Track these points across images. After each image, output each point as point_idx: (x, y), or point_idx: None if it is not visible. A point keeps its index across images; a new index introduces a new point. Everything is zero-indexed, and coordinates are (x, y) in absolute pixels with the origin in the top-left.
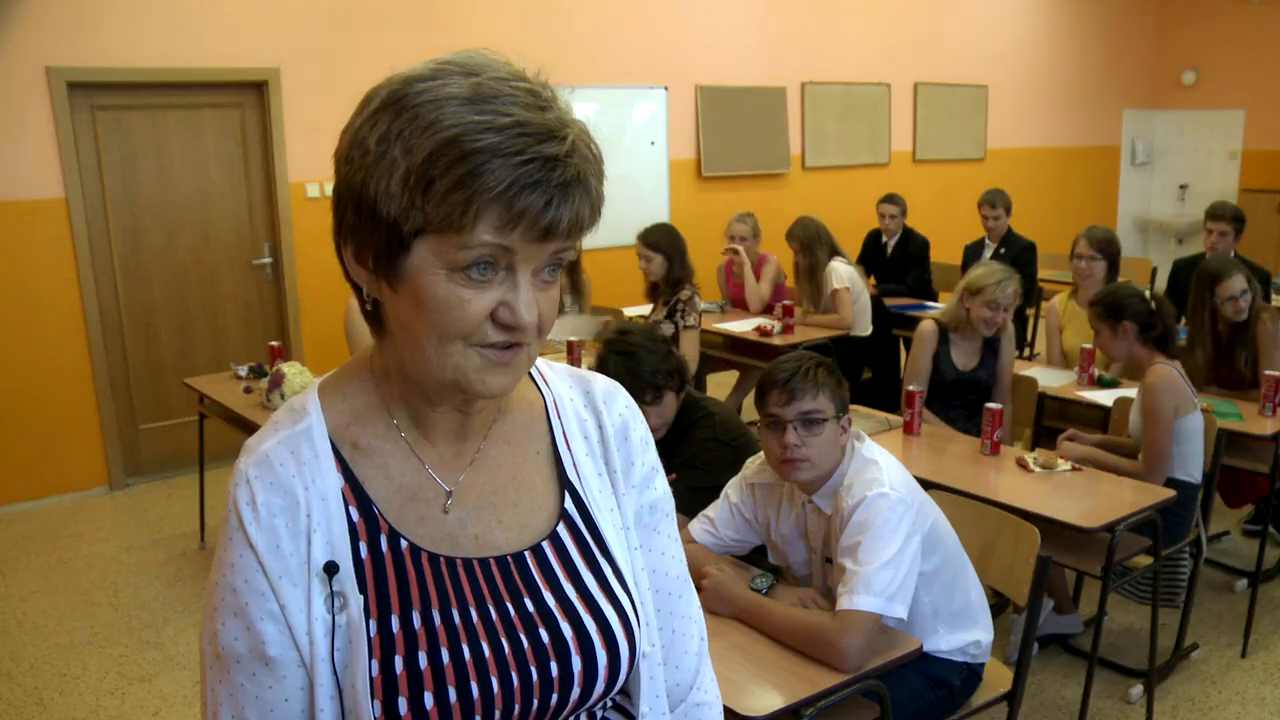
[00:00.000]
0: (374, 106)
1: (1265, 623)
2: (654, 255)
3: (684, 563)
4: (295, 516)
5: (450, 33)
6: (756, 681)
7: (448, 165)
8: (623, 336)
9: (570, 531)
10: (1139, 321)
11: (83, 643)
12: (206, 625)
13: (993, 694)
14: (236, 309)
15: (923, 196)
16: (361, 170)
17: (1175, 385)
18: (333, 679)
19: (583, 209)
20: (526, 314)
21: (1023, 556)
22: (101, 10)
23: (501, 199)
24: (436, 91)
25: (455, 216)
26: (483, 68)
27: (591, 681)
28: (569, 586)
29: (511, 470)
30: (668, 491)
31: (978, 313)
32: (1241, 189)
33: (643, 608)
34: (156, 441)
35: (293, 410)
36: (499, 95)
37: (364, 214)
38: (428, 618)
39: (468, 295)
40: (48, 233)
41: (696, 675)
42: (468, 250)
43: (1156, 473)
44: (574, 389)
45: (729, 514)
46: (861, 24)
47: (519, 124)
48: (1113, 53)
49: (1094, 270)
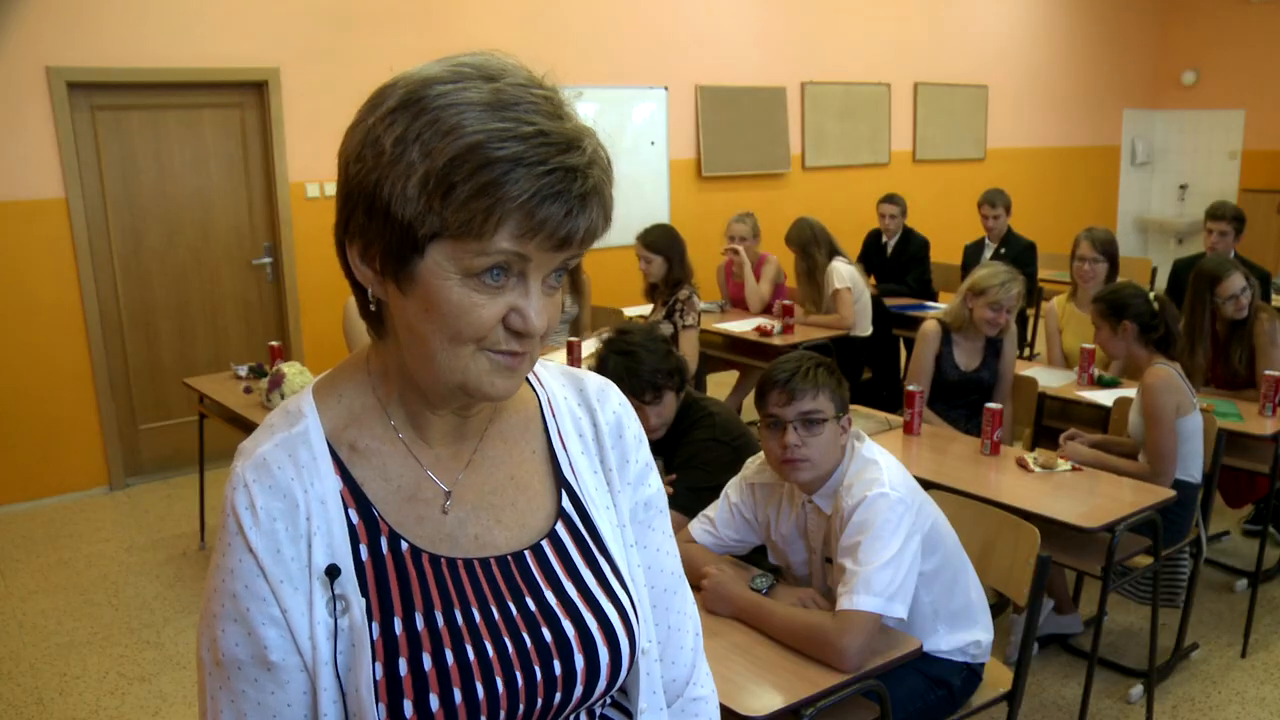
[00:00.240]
0: (389, 106)
1: (1265, 623)
2: (653, 257)
3: (678, 559)
4: (295, 520)
5: (450, 33)
6: (756, 681)
7: (470, 172)
8: (623, 336)
9: (569, 530)
10: (1140, 322)
11: (83, 643)
12: (205, 631)
13: (993, 694)
14: (236, 309)
15: (923, 196)
16: (376, 170)
17: (1174, 385)
18: (336, 683)
19: (598, 219)
20: (537, 320)
21: (1023, 556)
22: (101, 10)
23: (524, 208)
24: (457, 96)
25: (476, 223)
26: (501, 72)
27: (594, 679)
28: (569, 585)
29: (509, 470)
30: (661, 488)
31: (981, 314)
32: (1241, 189)
33: (640, 604)
34: (156, 441)
35: (288, 413)
36: (520, 102)
37: (376, 215)
38: (430, 619)
39: (481, 300)
40: (48, 233)
41: (693, 670)
42: (485, 257)
43: (1164, 474)
44: (568, 387)
45: (729, 514)
46: (861, 24)
47: (542, 133)
48: (1113, 53)
49: (1096, 272)
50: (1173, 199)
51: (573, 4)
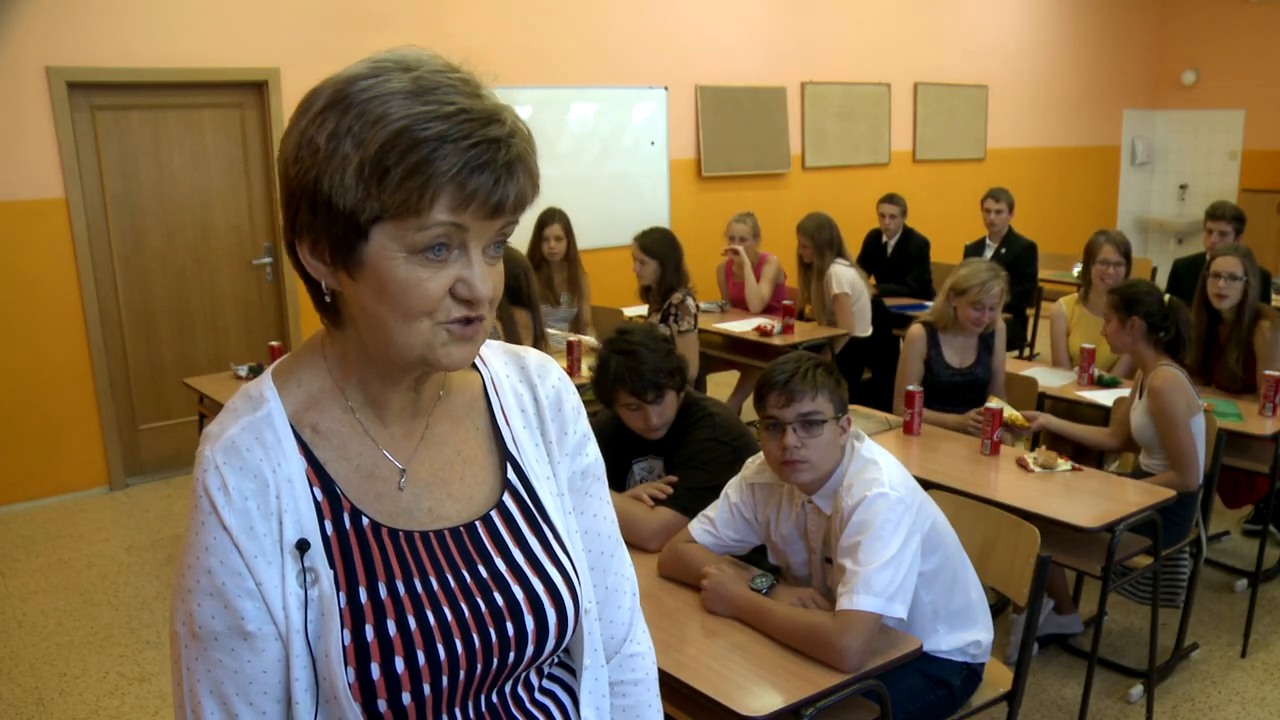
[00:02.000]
0: (319, 107)
1: (1265, 623)
2: (648, 260)
3: (615, 523)
4: (266, 498)
5: (450, 33)
6: (756, 681)
7: (401, 154)
8: (623, 336)
9: (515, 500)
10: (1150, 321)
11: (83, 643)
12: (180, 606)
13: (993, 694)
14: (236, 309)
15: (923, 196)
16: (314, 168)
17: (1182, 385)
18: (306, 650)
19: (526, 185)
20: (482, 287)
21: (1023, 556)
22: (102, 10)
23: (455, 180)
24: (380, 88)
25: (413, 201)
26: (418, 63)
27: (543, 639)
28: (517, 552)
29: (455, 446)
30: (598, 457)
31: (964, 313)
32: (1241, 189)
33: (580, 567)
34: (156, 441)
35: (250, 397)
36: (439, 86)
37: (319, 209)
38: (392, 588)
39: (426, 275)
40: (48, 233)
41: (630, 628)
42: (424, 231)
43: (1190, 474)
44: (509, 365)
45: (729, 514)
46: (861, 24)
47: (462, 110)
48: (1113, 53)
49: (1118, 275)
50: (1173, 199)
51: (573, 4)
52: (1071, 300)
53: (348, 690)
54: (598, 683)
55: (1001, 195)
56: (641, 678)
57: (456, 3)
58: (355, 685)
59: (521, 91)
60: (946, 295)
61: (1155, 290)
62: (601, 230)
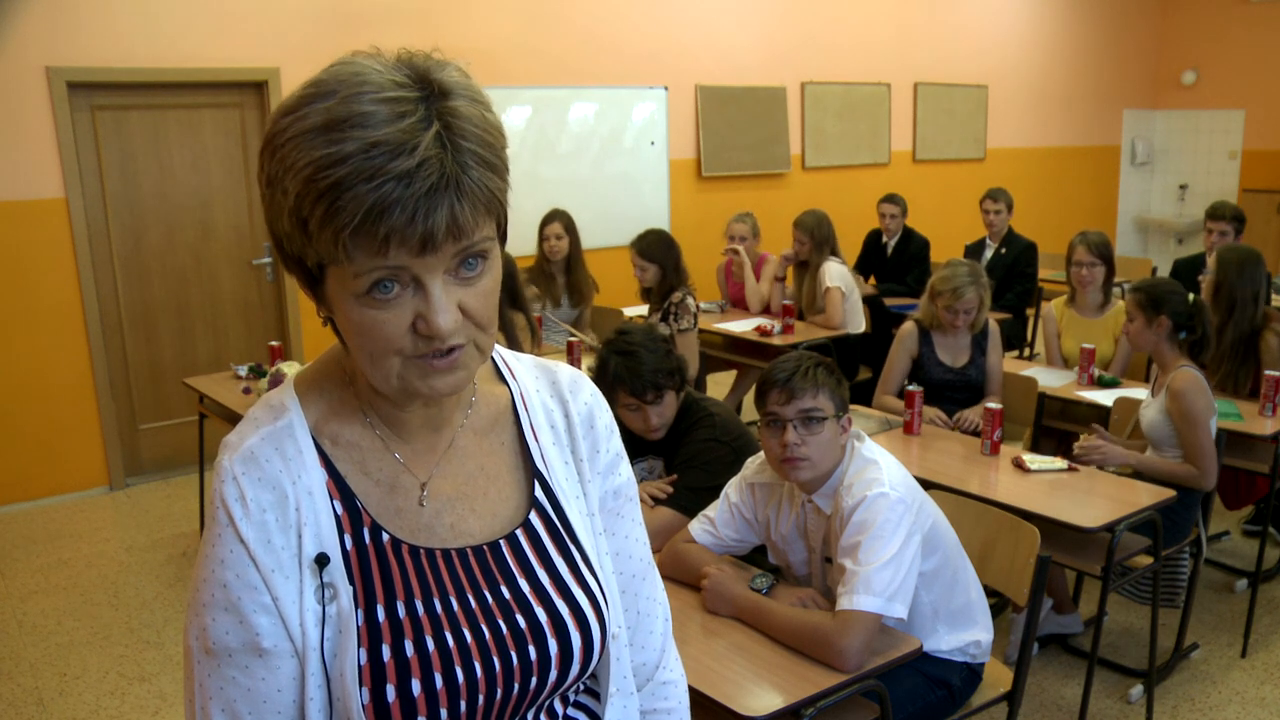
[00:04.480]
0: (262, 146)
1: (1265, 623)
2: (648, 265)
3: (648, 545)
4: (284, 511)
5: (450, 33)
6: (756, 681)
7: (311, 205)
8: (623, 336)
9: (542, 519)
10: (1176, 320)
11: (83, 643)
12: (194, 621)
13: (993, 694)
14: (236, 309)
15: (923, 196)
16: (269, 210)
17: (1203, 386)
18: (322, 668)
19: (458, 209)
20: (442, 322)
21: (1023, 556)
22: (101, 10)
23: (362, 228)
24: (295, 128)
25: (334, 250)
26: (344, 83)
27: (567, 664)
28: (542, 572)
29: (479, 461)
30: (631, 477)
31: (941, 315)
32: (1241, 189)
33: (609, 591)
34: (156, 441)
35: (271, 406)
36: (349, 117)
37: (282, 249)
38: (411, 608)
39: (381, 316)
40: (48, 233)
41: (662, 655)
42: (361, 277)
43: (1209, 473)
44: (540, 380)
45: (729, 514)
46: (861, 24)
47: (368, 146)
48: (1113, 53)
49: (1095, 276)
50: (1173, 199)
51: (573, 4)
52: (1060, 303)
53: (361, 712)
54: (626, 710)
55: (1000, 195)
56: (674, 706)
57: (456, 2)
58: (370, 707)
59: (521, 91)
60: (929, 295)
61: (1180, 289)
62: (601, 230)
